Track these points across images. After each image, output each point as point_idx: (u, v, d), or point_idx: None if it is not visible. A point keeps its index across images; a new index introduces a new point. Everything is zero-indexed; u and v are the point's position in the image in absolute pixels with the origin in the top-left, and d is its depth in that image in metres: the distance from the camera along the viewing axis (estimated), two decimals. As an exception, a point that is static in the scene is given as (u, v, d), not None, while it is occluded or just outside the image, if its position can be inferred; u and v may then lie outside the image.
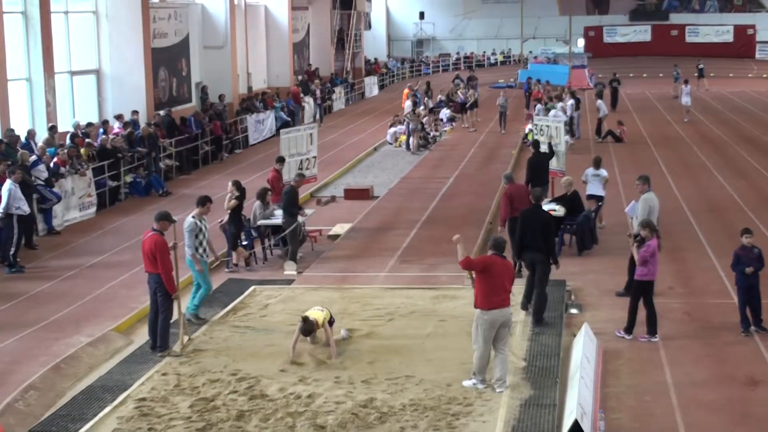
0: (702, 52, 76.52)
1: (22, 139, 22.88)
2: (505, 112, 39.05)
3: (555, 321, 14.44)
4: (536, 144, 22.14)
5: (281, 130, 23.70)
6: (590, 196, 20.92)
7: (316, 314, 13.25)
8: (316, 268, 18.25)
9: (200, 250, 14.76)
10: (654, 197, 16.54)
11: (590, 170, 21.31)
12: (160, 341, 13.37)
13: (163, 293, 13.36)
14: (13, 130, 22.43)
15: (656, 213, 16.27)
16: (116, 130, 27.33)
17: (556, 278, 15.82)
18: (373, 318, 14.88)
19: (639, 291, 13.94)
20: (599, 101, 37.54)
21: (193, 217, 14.88)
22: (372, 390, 11.85)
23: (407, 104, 36.44)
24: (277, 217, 19.13)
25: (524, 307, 14.77)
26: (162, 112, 31.07)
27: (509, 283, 11.96)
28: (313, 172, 22.83)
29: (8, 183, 18.49)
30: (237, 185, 18.73)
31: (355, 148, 35.31)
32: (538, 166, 21.29)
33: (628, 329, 13.94)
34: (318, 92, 43.86)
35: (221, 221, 18.78)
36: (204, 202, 15.11)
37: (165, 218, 13.57)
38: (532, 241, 14.55)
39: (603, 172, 21.35)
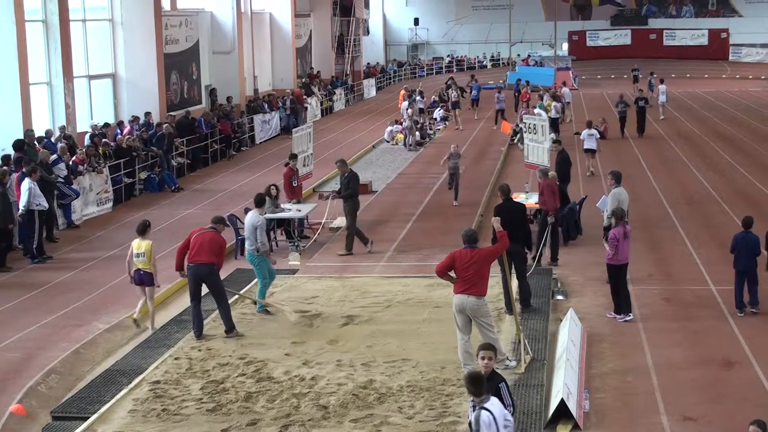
0: (678, 54, 76.44)
1: (46, 138, 22.81)
2: (457, 172, 23.70)
3: (542, 307, 14.39)
4: (559, 142, 22.30)
5: (293, 129, 23.64)
6: (586, 150, 26.75)
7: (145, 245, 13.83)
8: (319, 259, 18.19)
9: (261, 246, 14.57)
10: (623, 191, 16.46)
11: (586, 131, 27.02)
12: (227, 324, 13.40)
13: (215, 280, 13.44)
14: (32, 131, 22.33)
15: (625, 206, 16.19)
16: (128, 128, 27.22)
17: (543, 267, 15.76)
18: (372, 305, 14.84)
19: (609, 273, 14.17)
20: (564, 89, 41.85)
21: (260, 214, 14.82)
22: (371, 372, 11.81)
23: (403, 105, 36.20)
24: (284, 212, 19.12)
25: (510, 310, 13.74)
26: (175, 114, 30.88)
27: (471, 270, 11.41)
28: (310, 168, 22.80)
29: (27, 182, 18.35)
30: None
31: (354, 146, 35.21)
32: (564, 165, 21.14)
33: (616, 310, 14.00)
34: (288, 102, 40.45)
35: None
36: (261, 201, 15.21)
37: (222, 222, 14.02)
38: (509, 232, 14.20)
39: (594, 131, 27.01)
